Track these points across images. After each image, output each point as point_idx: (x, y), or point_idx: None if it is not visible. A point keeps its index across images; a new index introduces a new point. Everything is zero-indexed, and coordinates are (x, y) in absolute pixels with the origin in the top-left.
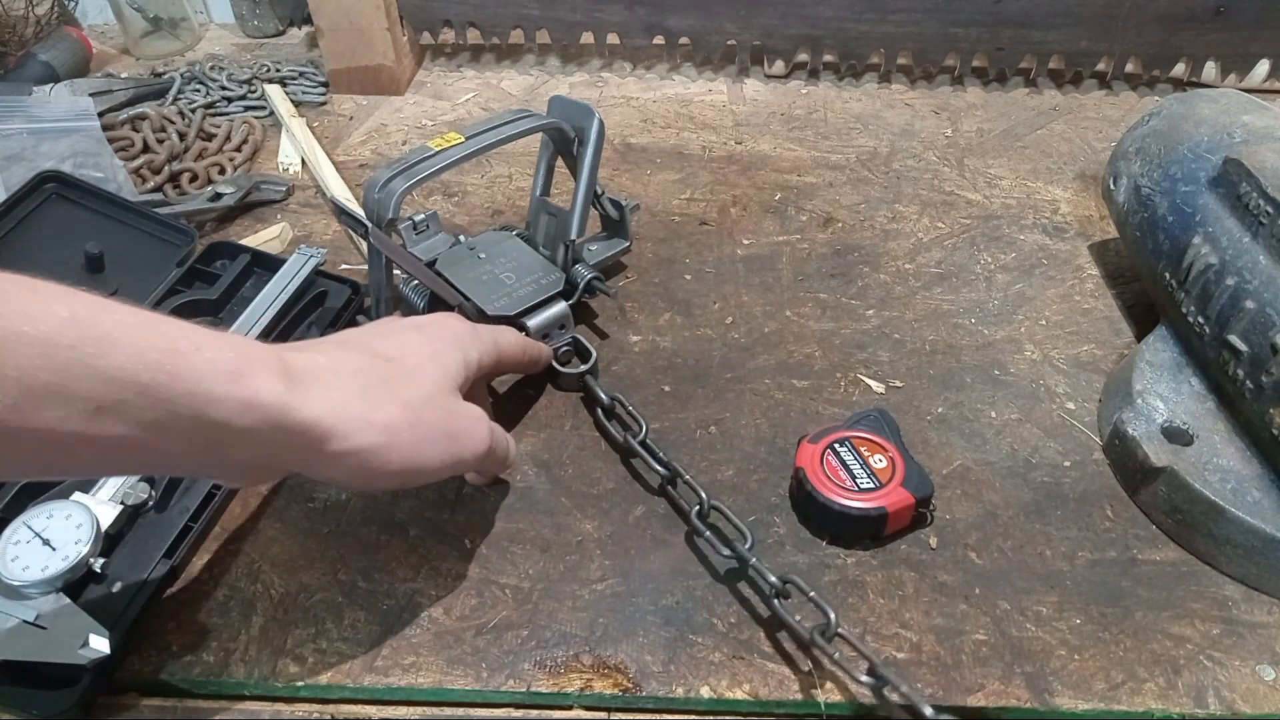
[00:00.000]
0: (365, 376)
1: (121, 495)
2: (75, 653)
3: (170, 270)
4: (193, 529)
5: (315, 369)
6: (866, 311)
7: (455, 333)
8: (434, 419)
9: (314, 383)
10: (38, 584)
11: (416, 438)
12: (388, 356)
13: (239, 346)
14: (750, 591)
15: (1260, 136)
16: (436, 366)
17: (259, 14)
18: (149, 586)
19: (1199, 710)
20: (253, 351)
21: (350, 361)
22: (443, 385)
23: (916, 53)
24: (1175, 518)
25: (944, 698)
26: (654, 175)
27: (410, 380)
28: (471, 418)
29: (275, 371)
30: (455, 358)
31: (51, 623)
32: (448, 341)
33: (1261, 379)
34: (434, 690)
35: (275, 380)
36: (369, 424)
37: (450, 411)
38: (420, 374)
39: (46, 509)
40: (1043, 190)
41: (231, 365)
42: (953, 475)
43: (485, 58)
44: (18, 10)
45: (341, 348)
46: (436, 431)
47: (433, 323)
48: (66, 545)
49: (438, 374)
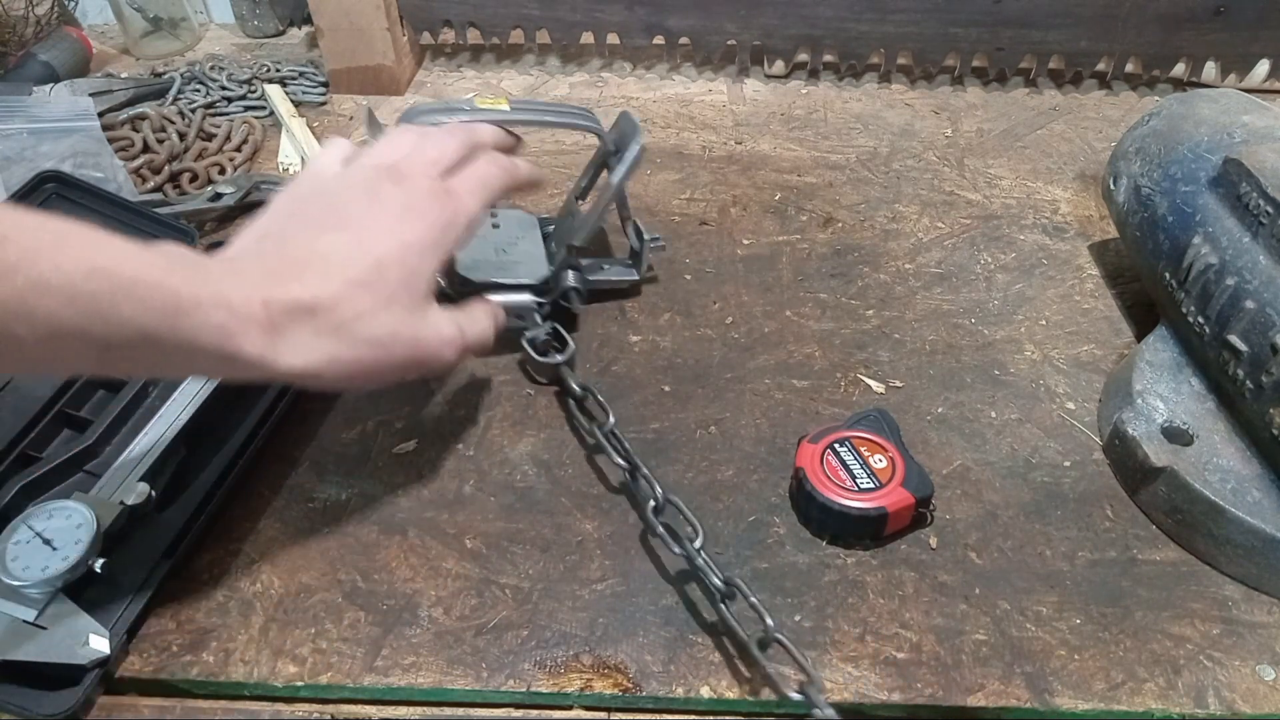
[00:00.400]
0: (340, 312)
1: (121, 495)
2: (75, 653)
3: None
4: (193, 529)
5: (295, 310)
6: (866, 311)
7: (434, 233)
8: (399, 351)
9: (291, 329)
10: (38, 584)
11: (381, 371)
12: (363, 281)
13: (234, 299)
14: (750, 590)
15: (1260, 136)
16: (408, 292)
17: (259, 14)
18: (149, 586)
19: (1199, 710)
20: (245, 305)
21: (328, 294)
22: (413, 309)
23: (916, 53)
24: (1175, 518)
25: (944, 698)
26: (654, 175)
27: (384, 313)
28: (441, 339)
29: (260, 325)
30: (429, 271)
31: (52, 623)
32: (425, 251)
33: (1261, 379)
34: (434, 690)
35: (259, 335)
36: (336, 361)
37: (417, 342)
38: (394, 303)
39: (47, 509)
40: (1043, 190)
41: (224, 324)
42: (953, 475)
43: (485, 58)
44: (18, 10)
45: (323, 276)
46: (401, 362)
47: (409, 211)
48: (67, 545)
49: (408, 300)
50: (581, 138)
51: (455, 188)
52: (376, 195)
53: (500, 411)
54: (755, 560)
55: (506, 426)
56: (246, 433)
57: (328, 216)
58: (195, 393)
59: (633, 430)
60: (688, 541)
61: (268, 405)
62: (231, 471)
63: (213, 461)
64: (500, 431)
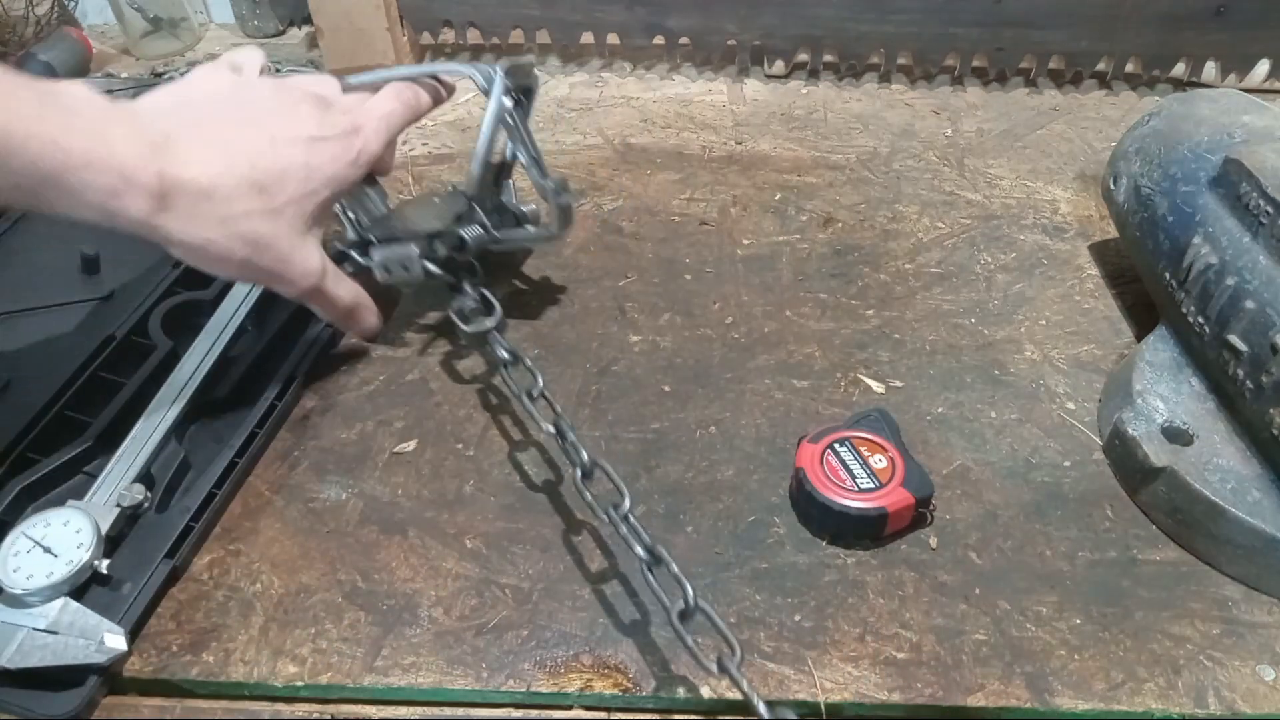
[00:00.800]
0: (231, 205)
1: (118, 498)
2: (92, 653)
3: (166, 270)
4: (194, 528)
5: (188, 189)
6: (866, 311)
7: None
8: (266, 259)
9: (179, 204)
10: (43, 591)
11: (245, 267)
12: (262, 185)
13: (125, 163)
14: (750, 590)
15: (1260, 136)
16: (298, 212)
17: (259, 14)
18: (151, 587)
19: (1199, 710)
20: (136, 170)
21: (226, 183)
22: (295, 229)
23: (916, 53)
24: (1175, 518)
25: (944, 698)
26: (654, 175)
27: (269, 220)
28: (305, 268)
29: (149, 192)
30: (323, 201)
31: (62, 627)
32: (325, 182)
33: (1261, 379)
34: (434, 690)
35: (145, 200)
36: (210, 244)
37: (285, 259)
38: (281, 216)
39: (43, 517)
40: (1043, 190)
41: (112, 186)
42: (953, 475)
43: (485, 58)
44: (18, 10)
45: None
46: (263, 268)
47: (325, 141)
48: (68, 550)
49: (295, 219)
50: (581, 137)
51: (363, 126)
52: (296, 112)
53: (500, 411)
54: (755, 560)
55: (506, 426)
56: (246, 433)
57: (247, 111)
58: (190, 394)
59: (633, 430)
60: (612, 508)
61: (268, 405)
62: (232, 471)
63: (213, 462)
64: (500, 431)
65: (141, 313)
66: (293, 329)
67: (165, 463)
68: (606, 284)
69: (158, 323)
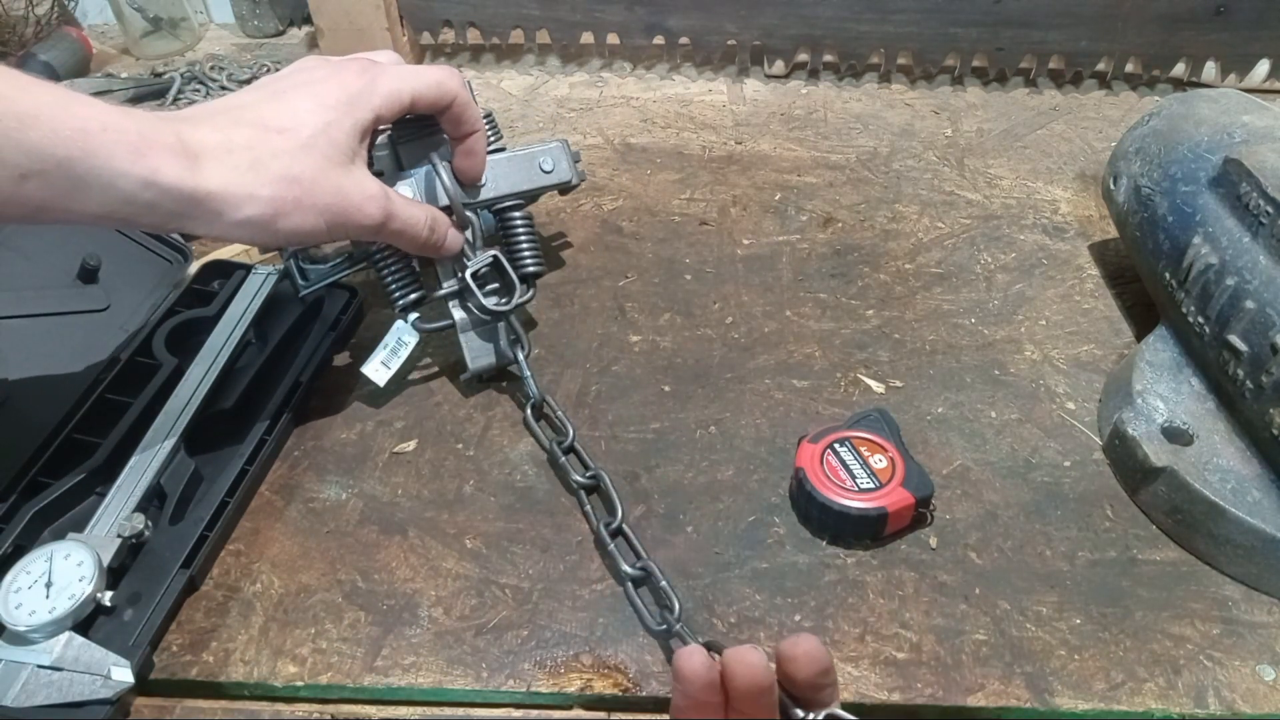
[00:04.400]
0: (256, 150)
1: (117, 529)
2: (98, 688)
3: (164, 288)
4: (208, 538)
5: (210, 146)
6: (866, 311)
7: (349, 92)
8: (321, 195)
9: (208, 160)
10: (45, 626)
11: (304, 210)
12: (280, 128)
13: (143, 127)
14: (750, 590)
15: (1260, 136)
16: (327, 140)
17: (259, 14)
18: (169, 597)
19: (1199, 710)
20: (154, 132)
21: (241, 136)
22: (333, 159)
23: (916, 53)
24: (1175, 518)
25: (944, 698)
26: (654, 175)
27: (302, 154)
28: (365, 194)
29: (173, 150)
30: (348, 125)
31: (67, 663)
32: (342, 107)
33: (1261, 379)
34: (434, 690)
35: (173, 158)
36: (255, 198)
37: (340, 190)
38: (312, 148)
39: (44, 552)
40: (1043, 190)
41: (134, 143)
42: (953, 475)
43: (485, 58)
44: (18, 10)
45: (235, 122)
46: (324, 205)
47: (327, 79)
48: (70, 584)
49: (328, 148)
50: (581, 137)
51: (382, 64)
52: (310, 75)
53: (500, 411)
54: (755, 560)
55: (506, 426)
56: (255, 440)
57: (263, 90)
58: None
59: (633, 430)
60: (554, 443)
61: (275, 412)
62: (243, 479)
63: (224, 471)
64: (500, 431)
65: (143, 330)
66: (295, 338)
67: (176, 475)
68: (606, 284)
69: (161, 342)
